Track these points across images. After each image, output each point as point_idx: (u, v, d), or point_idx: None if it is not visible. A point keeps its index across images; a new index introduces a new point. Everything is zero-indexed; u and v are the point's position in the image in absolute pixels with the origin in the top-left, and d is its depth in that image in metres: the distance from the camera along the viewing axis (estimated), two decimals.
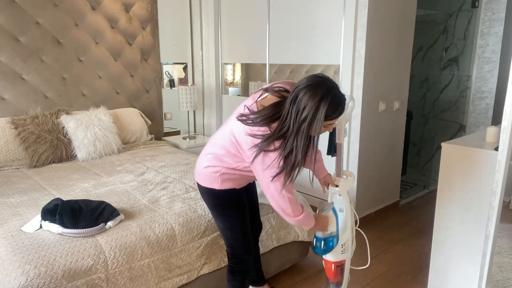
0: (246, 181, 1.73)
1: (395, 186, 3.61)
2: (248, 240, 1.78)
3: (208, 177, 1.66)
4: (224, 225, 1.75)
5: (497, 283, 1.90)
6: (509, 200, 1.97)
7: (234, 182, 1.67)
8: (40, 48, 3.14)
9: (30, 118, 2.97)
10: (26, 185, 2.42)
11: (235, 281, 1.83)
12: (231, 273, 1.83)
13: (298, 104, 1.35)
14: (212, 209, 1.75)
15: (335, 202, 1.75)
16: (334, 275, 1.75)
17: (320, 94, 1.33)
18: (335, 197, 1.75)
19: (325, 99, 1.33)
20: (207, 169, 1.66)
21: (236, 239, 1.76)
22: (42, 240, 1.68)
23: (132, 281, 1.74)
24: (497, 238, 1.71)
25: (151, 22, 3.80)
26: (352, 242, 1.79)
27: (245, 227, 1.76)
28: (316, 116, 1.33)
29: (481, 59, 3.71)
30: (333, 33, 3.11)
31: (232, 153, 1.57)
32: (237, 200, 1.73)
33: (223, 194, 1.68)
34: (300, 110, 1.34)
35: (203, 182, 1.69)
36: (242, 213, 1.74)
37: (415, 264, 2.64)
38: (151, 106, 3.93)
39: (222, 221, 1.74)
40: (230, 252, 1.81)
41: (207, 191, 1.70)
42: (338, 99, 1.37)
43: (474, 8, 3.79)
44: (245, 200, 1.77)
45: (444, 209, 2.05)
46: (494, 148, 1.84)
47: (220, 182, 1.65)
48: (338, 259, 1.72)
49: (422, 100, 4.58)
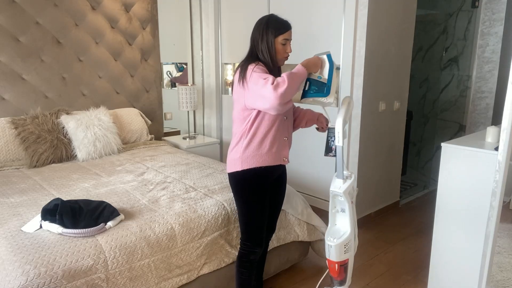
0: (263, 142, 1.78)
1: (395, 186, 3.61)
2: (260, 231, 1.86)
3: (231, 162, 1.82)
4: (241, 210, 1.86)
5: (497, 283, 1.90)
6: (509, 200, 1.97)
7: (254, 155, 1.76)
8: (40, 48, 3.14)
9: (30, 118, 2.97)
10: (26, 185, 2.42)
11: (242, 267, 1.89)
12: (239, 258, 1.90)
13: (253, 32, 1.79)
14: (235, 193, 1.87)
15: (337, 203, 1.78)
16: (337, 274, 1.79)
17: (263, 18, 1.80)
18: (336, 198, 1.77)
19: (267, 19, 1.79)
20: (230, 155, 1.83)
21: (249, 225, 1.85)
22: (42, 240, 1.68)
23: (132, 281, 1.74)
24: (497, 238, 1.71)
25: (151, 22, 3.80)
26: (355, 240, 1.81)
27: (260, 217, 1.84)
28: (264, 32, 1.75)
29: (481, 59, 3.71)
30: (333, 33, 3.11)
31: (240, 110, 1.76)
32: (259, 185, 1.80)
33: (244, 176, 1.79)
34: (255, 32, 1.79)
35: (229, 169, 1.84)
36: (261, 201, 1.83)
37: (415, 264, 2.64)
38: (151, 106, 3.93)
39: (240, 205, 1.86)
40: (242, 238, 1.90)
41: (231, 176, 1.84)
42: (280, 19, 1.78)
43: (474, 8, 3.79)
44: (267, 190, 1.84)
45: (444, 209, 2.05)
46: (494, 148, 1.84)
47: (241, 162, 1.77)
48: (341, 258, 1.75)
49: (422, 100, 4.58)
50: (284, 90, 1.58)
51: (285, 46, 1.77)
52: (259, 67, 1.69)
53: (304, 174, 3.54)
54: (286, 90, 1.58)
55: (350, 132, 3.12)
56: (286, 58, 1.80)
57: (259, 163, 1.78)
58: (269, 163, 1.79)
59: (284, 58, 1.80)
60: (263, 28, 1.75)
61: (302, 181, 3.57)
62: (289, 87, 1.60)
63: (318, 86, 1.73)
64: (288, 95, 1.60)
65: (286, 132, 1.85)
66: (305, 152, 3.45)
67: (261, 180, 1.81)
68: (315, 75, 1.75)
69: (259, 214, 1.84)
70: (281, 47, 1.76)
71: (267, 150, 1.78)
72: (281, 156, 1.84)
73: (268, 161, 1.79)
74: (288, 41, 1.77)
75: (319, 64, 1.76)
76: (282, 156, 1.84)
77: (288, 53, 1.79)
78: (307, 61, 1.73)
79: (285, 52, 1.78)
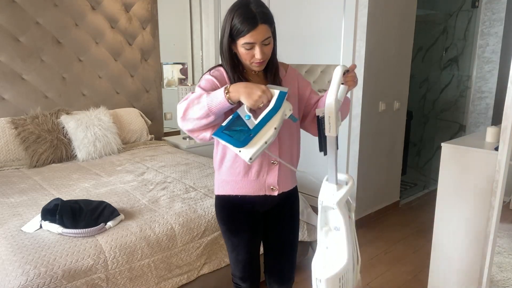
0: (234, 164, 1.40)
1: (395, 186, 3.61)
2: (242, 267, 1.54)
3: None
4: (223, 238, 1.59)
5: (497, 283, 1.90)
6: (509, 200, 1.97)
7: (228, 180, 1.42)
8: (40, 48, 3.14)
9: (30, 118, 2.97)
10: (26, 185, 2.42)
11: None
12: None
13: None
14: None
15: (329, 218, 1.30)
16: None
17: (232, 7, 1.28)
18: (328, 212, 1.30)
19: (234, 10, 1.26)
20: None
21: (230, 258, 1.57)
22: (42, 240, 1.68)
23: (132, 281, 1.74)
24: (497, 238, 1.71)
25: (151, 22, 3.80)
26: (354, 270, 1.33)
27: (241, 253, 1.52)
28: (225, 28, 1.29)
29: (481, 59, 3.71)
30: (333, 33, 3.11)
31: None
32: (235, 218, 1.48)
33: (219, 203, 1.50)
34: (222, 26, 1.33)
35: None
36: (240, 235, 1.50)
37: (415, 264, 2.64)
38: (151, 106, 3.93)
39: (221, 232, 1.59)
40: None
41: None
42: (249, 12, 1.24)
43: (474, 8, 3.79)
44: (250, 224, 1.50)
45: (444, 209, 2.05)
46: (494, 148, 1.84)
47: (216, 186, 1.48)
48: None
49: (422, 100, 4.58)
50: (181, 113, 1.24)
51: (250, 50, 1.27)
52: (207, 79, 1.33)
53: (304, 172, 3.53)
54: (183, 114, 1.24)
55: (350, 132, 3.12)
56: (259, 63, 1.30)
57: (234, 190, 1.42)
58: (247, 191, 1.41)
59: (255, 63, 1.30)
60: (225, 21, 1.28)
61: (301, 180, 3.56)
62: (187, 112, 1.23)
63: (237, 129, 1.19)
64: (186, 122, 1.24)
65: (276, 153, 1.39)
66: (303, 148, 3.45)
67: (238, 212, 1.47)
68: (245, 111, 1.19)
69: (238, 250, 1.51)
70: (244, 51, 1.28)
71: (243, 175, 1.40)
72: (266, 184, 1.42)
73: (245, 189, 1.41)
74: (253, 45, 1.26)
75: (256, 97, 1.16)
76: (267, 184, 1.41)
77: (259, 59, 1.28)
78: (244, 85, 1.18)
79: (252, 56, 1.28)
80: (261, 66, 1.33)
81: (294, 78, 1.48)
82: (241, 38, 1.25)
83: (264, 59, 1.30)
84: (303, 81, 1.51)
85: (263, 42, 1.27)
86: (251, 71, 1.39)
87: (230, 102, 1.19)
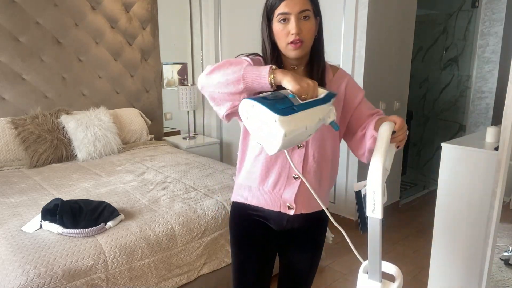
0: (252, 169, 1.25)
1: (395, 186, 3.61)
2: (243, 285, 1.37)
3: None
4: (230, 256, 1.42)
5: (497, 283, 1.90)
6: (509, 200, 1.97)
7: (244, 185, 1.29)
8: (40, 48, 3.14)
9: (30, 118, 2.97)
10: (26, 185, 2.42)
11: None
12: None
13: None
14: None
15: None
16: None
17: None
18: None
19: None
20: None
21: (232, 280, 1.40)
22: (42, 240, 1.68)
23: (132, 281, 1.74)
24: (497, 238, 1.71)
25: (151, 22, 3.80)
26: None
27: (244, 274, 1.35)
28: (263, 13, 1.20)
29: (481, 59, 3.71)
30: (333, 33, 3.11)
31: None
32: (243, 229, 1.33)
33: (232, 210, 1.37)
34: None
35: None
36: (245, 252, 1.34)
37: (415, 264, 2.64)
38: (151, 106, 3.93)
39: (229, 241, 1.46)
40: None
41: None
42: None
43: (474, 8, 3.79)
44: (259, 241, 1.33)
45: (444, 209, 2.05)
46: (494, 148, 1.84)
47: (234, 190, 1.35)
48: None
49: (422, 100, 4.58)
50: (208, 69, 1.08)
51: (286, 24, 1.12)
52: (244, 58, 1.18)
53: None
54: (210, 71, 1.07)
55: None
56: (295, 44, 1.12)
57: (248, 198, 1.28)
58: (261, 203, 1.26)
59: (291, 44, 1.13)
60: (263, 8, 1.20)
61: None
62: (216, 70, 1.06)
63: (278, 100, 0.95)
64: (209, 80, 1.07)
65: (299, 167, 1.20)
66: None
67: (250, 224, 1.31)
68: (287, 92, 0.99)
69: (244, 269, 1.35)
70: (280, 27, 1.13)
71: (258, 182, 1.25)
72: (282, 200, 1.23)
73: (259, 199, 1.26)
74: (288, 16, 1.11)
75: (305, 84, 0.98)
76: (283, 199, 1.23)
77: (294, 33, 1.11)
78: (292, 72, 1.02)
79: (287, 33, 1.12)
80: (299, 50, 1.14)
81: (342, 82, 1.28)
82: (275, 10, 1.13)
83: (301, 37, 1.11)
84: (354, 87, 1.29)
85: (301, 15, 1.11)
86: (289, 67, 1.22)
87: (270, 81, 1.00)
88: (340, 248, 2.74)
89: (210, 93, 1.09)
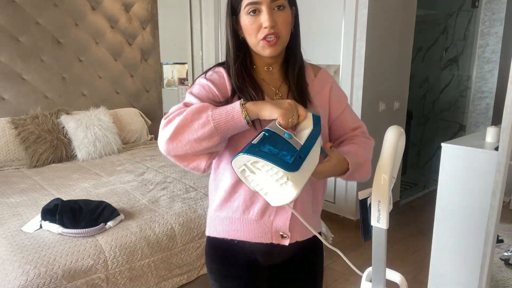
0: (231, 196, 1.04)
1: (395, 186, 3.61)
2: None
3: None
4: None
5: (497, 283, 1.90)
6: (509, 200, 1.97)
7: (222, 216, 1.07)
8: (40, 48, 3.14)
9: (30, 118, 2.97)
10: (26, 185, 2.42)
11: None
12: None
13: None
14: None
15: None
16: None
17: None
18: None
19: None
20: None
21: None
22: (42, 240, 1.68)
23: (132, 281, 1.74)
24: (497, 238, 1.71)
25: (151, 22, 3.80)
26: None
27: None
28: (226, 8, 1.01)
29: (481, 59, 3.71)
30: (333, 33, 3.11)
31: None
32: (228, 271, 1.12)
33: (208, 247, 1.15)
34: None
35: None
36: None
37: (415, 264, 2.64)
38: (151, 106, 3.93)
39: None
40: None
41: None
42: None
43: (474, 8, 3.79)
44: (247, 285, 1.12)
45: (444, 209, 2.05)
46: (494, 148, 1.84)
47: (208, 223, 1.13)
48: None
49: (422, 100, 4.58)
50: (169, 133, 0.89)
51: (256, 16, 0.94)
52: (201, 84, 1.02)
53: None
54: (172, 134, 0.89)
55: None
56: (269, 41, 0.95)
57: (229, 232, 1.06)
58: (246, 236, 1.04)
59: (264, 40, 0.95)
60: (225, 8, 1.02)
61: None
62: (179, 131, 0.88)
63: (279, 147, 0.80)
64: (176, 144, 0.89)
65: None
66: None
67: (233, 264, 1.10)
68: (279, 128, 0.84)
69: None
70: (249, 20, 0.95)
71: (242, 211, 1.03)
72: (273, 229, 1.03)
73: (244, 232, 1.04)
74: (259, 6, 0.93)
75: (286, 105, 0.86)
76: (275, 228, 1.03)
77: (268, 26, 0.93)
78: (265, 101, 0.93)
79: (258, 27, 0.95)
80: (274, 48, 0.97)
81: (326, 85, 1.12)
82: (242, 1, 0.95)
83: (276, 30, 0.94)
84: (338, 92, 1.14)
85: (273, 4, 0.94)
86: (263, 67, 1.05)
87: (246, 121, 0.86)
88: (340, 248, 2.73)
89: (181, 157, 0.93)
